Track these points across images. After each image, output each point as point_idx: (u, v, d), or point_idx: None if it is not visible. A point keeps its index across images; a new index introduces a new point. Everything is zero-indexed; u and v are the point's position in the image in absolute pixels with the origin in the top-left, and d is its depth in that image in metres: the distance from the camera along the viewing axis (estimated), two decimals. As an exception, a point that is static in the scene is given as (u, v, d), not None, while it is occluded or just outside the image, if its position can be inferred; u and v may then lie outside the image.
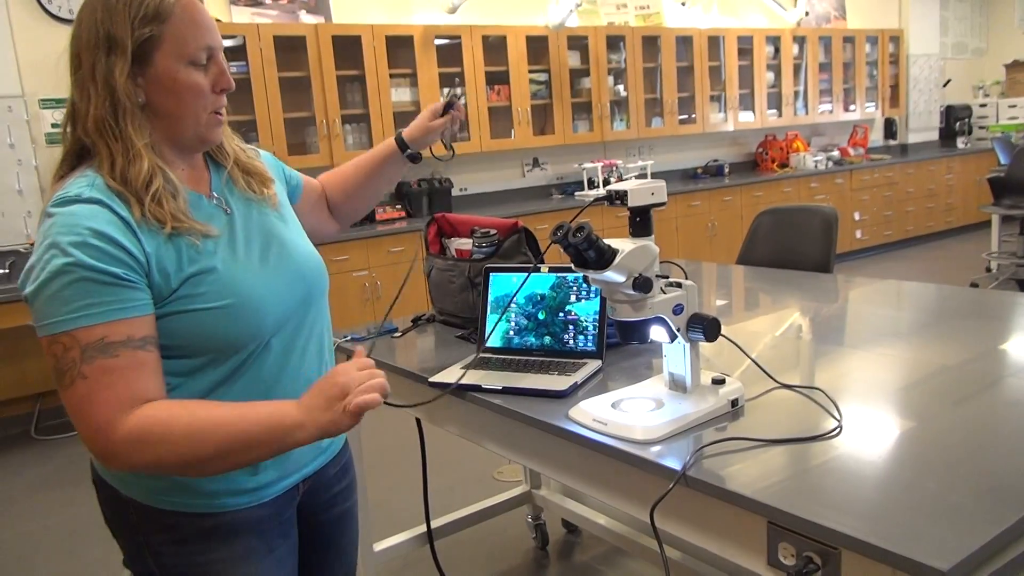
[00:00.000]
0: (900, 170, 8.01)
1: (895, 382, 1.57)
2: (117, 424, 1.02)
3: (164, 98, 1.12)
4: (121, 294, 1.04)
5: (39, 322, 1.04)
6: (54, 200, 1.07)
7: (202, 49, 1.13)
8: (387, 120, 5.28)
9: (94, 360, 1.02)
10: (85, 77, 1.09)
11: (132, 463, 1.04)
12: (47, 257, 1.03)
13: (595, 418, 1.40)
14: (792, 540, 1.06)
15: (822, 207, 2.87)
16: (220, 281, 1.13)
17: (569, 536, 2.91)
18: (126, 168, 1.08)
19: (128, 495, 1.18)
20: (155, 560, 1.19)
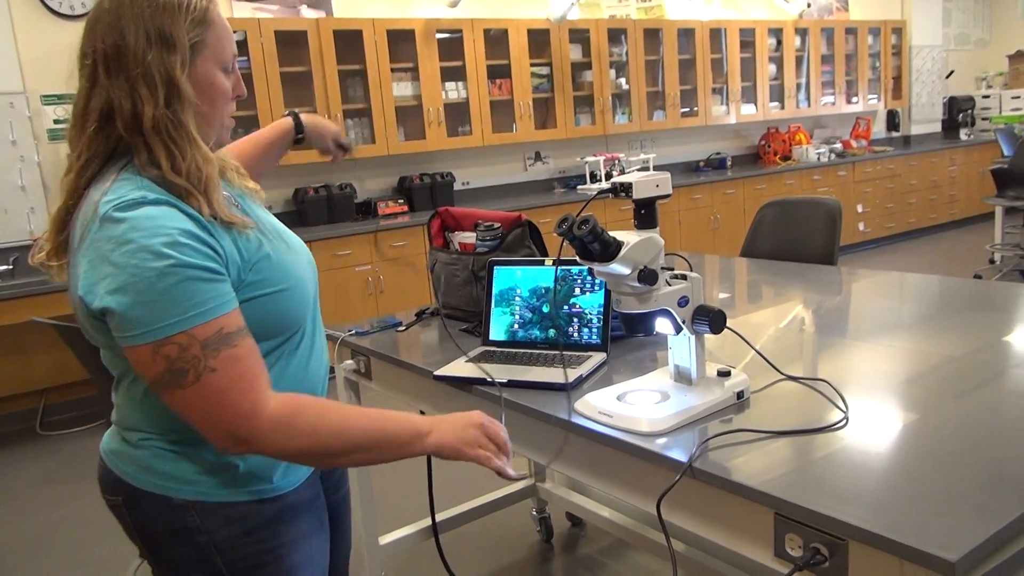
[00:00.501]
0: (903, 162, 7.99)
1: (899, 374, 1.56)
2: (260, 408, 1.07)
3: (200, 100, 1.13)
4: (222, 288, 1.07)
5: (139, 329, 1.02)
6: (115, 204, 1.04)
7: (231, 57, 1.18)
8: (389, 114, 5.28)
9: (219, 352, 1.05)
10: (135, 77, 1.06)
11: (274, 446, 1.09)
12: (137, 262, 1.01)
13: (601, 411, 1.40)
14: (799, 531, 1.06)
15: (826, 199, 2.87)
16: (274, 267, 1.17)
17: (573, 529, 2.92)
18: (196, 169, 1.09)
19: (186, 498, 1.17)
20: (224, 557, 1.18)
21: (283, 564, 1.22)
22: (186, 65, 1.09)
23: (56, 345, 4.24)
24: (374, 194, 5.59)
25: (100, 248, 1.03)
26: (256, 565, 1.21)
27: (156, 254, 1.02)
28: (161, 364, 1.03)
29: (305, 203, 5.17)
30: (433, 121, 5.46)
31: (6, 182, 4.45)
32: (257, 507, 1.20)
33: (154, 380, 1.05)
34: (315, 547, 1.30)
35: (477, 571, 2.67)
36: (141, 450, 1.18)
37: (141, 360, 1.05)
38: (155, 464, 1.17)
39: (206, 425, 1.07)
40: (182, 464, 1.17)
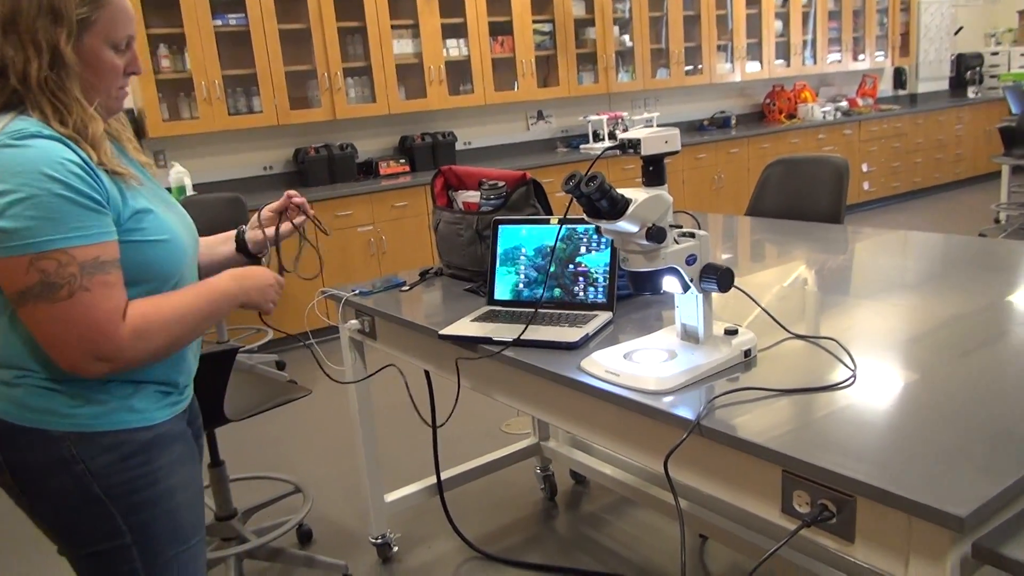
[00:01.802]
0: (909, 120, 7.90)
1: (905, 332, 1.56)
2: (120, 327, 1.19)
3: (85, 72, 1.24)
4: (103, 219, 1.19)
5: (19, 240, 1.11)
6: (11, 134, 1.15)
7: (124, 37, 1.28)
8: (389, 72, 5.21)
9: (94, 275, 1.16)
10: (25, 39, 1.19)
11: (137, 356, 1.21)
12: (30, 181, 1.12)
13: (607, 369, 1.40)
14: (807, 488, 1.06)
15: (833, 157, 2.84)
16: (157, 220, 1.29)
17: (577, 487, 2.95)
18: (83, 124, 1.21)
19: (63, 430, 1.24)
20: (100, 483, 1.26)
21: (159, 487, 1.31)
22: (72, 36, 1.20)
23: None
24: (375, 154, 5.55)
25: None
26: (133, 490, 1.29)
27: (46, 176, 1.13)
28: (35, 276, 1.13)
29: (305, 163, 5.13)
30: (434, 79, 5.39)
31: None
32: (130, 435, 1.29)
33: (21, 292, 1.14)
34: (189, 473, 1.39)
35: (481, 528, 2.70)
36: (16, 388, 1.25)
37: (13, 272, 1.13)
38: (31, 400, 1.25)
39: (66, 341, 1.16)
40: (57, 399, 1.24)
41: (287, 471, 3.13)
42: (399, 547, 2.58)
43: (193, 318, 1.30)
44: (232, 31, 4.70)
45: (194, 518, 1.39)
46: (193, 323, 1.30)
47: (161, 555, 1.32)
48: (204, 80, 4.59)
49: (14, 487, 1.30)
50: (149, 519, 1.30)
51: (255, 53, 4.73)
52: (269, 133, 5.11)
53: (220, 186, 4.92)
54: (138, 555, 1.30)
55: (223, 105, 4.70)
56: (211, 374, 1.91)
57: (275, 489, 2.89)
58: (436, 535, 2.65)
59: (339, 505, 2.92)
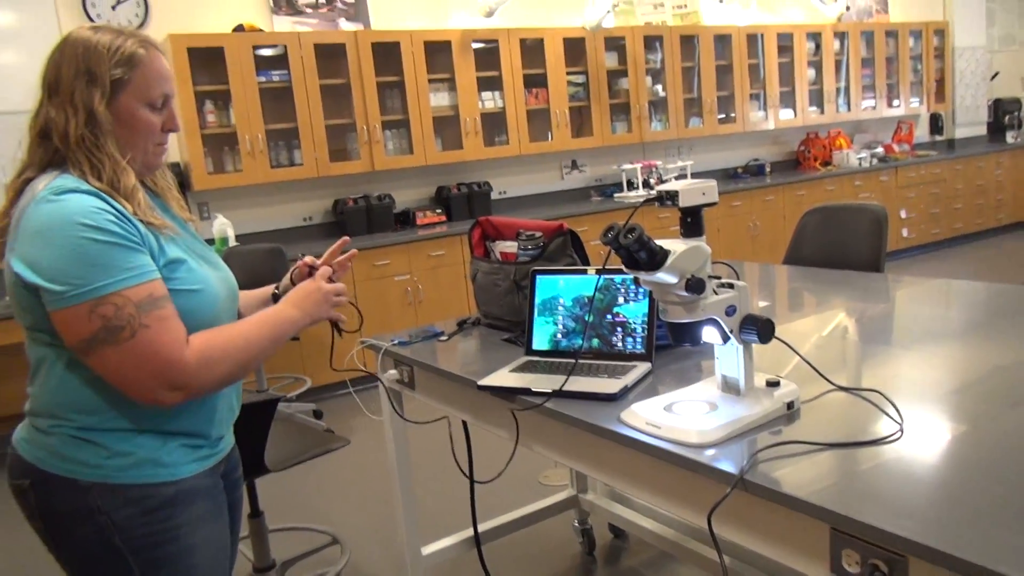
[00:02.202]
0: (947, 166, 7.83)
1: (951, 383, 1.53)
2: (185, 356, 1.24)
3: (121, 129, 1.31)
4: (146, 258, 1.25)
5: (75, 290, 1.17)
6: (51, 190, 1.22)
7: (159, 96, 1.34)
8: (426, 124, 5.31)
9: (150, 312, 1.21)
10: (64, 100, 1.28)
11: (205, 382, 1.27)
12: (69, 232, 1.18)
13: (648, 421, 1.39)
14: (857, 547, 1.04)
15: (871, 205, 2.82)
16: (191, 270, 1.34)
17: (616, 541, 2.89)
18: (115, 178, 1.28)
19: (91, 480, 1.28)
20: (122, 536, 1.28)
21: (180, 544, 1.33)
22: (105, 97, 1.28)
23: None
24: (412, 204, 5.63)
25: (35, 224, 1.21)
26: (154, 544, 1.31)
27: (83, 225, 1.19)
28: (96, 323, 1.18)
29: (344, 214, 5.22)
30: (470, 131, 5.48)
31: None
32: (154, 489, 1.31)
33: (87, 339, 1.19)
34: (214, 530, 1.40)
35: (519, 582, 2.66)
36: (51, 436, 1.30)
37: (74, 321, 1.19)
38: (63, 449, 1.29)
39: (139, 378, 1.22)
40: (87, 449, 1.28)
41: (324, 521, 3.12)
42: (435, 600, 2.55)
43: (257, 342, 1.35)
44: (275, 87, 4.85)
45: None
46: (257, 347, 1.35)
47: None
48: (248, 134, 4.72)
49: (45, 534, 1.33)
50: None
51: (297, 108, 4.86)
52: (309, 185, 5.22)
53: (261, 237, 5.02)
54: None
55: (265, 158, 4.83)
56: (252, 424, 1.93)
57: (313, 540, 2.88)
58: (473, 588, 2.62)
59: (376, 557, 2.90)
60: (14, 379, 4.34)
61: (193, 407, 1.35)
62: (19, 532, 1.36)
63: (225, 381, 1.32)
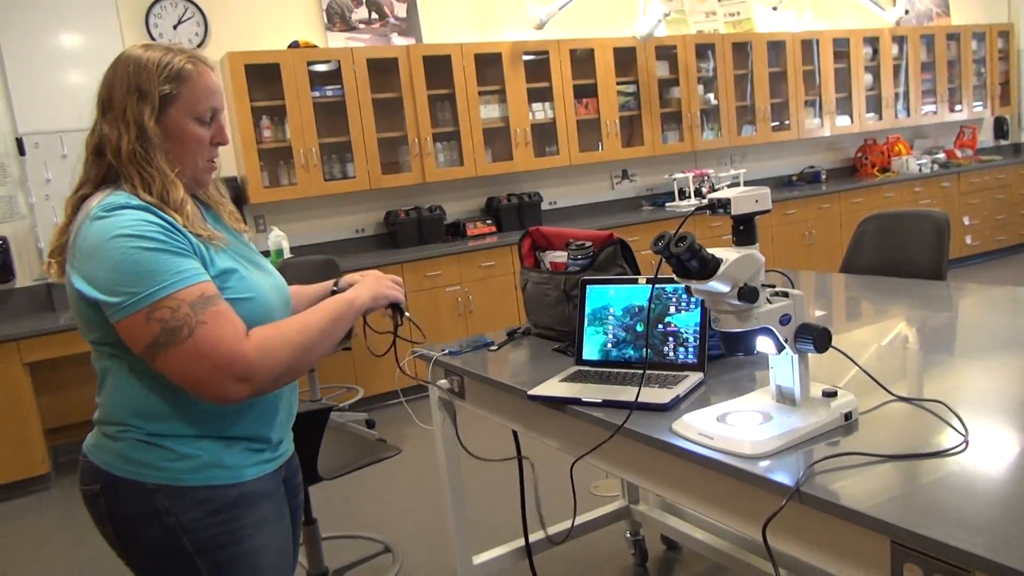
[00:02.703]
0: (1013, 171, 7.57)
1: (1017, 394, 1.47)
2: (246, 346, 1.26)
3: (171, 144, 1.35)
4: (194, 262, 1.28)
5: (131, 299, 1.21)
6: (103, 207, 1.26)
7: (208, 110, 1.37)
8: (477, 137, 5.35)
9: (205, 310, 1.24)
10: (117, 117, 1.32)
11: (268, 371, 1.27)
12: (118, 245, 1.22)
13: (701, 432, 1.37)
14: (918, 561, 1.01)
15: (932, 212, 2.74)
16: (242, 280, 1.36)
17: (669, 552, 2.86)
18: (165, 191, 1.31)
19: (157, 483, 1.31)
20: (190, 537, 1.31)
21: (245, 546, 1.35)
22: (154, 112, 1.31)
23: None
24: (462, 215, 5.67)
25: (89, 241, 1.25)
26: (220, 545, 1.33)
27: (135, 236, 1.23)
28: (156, 327, 1.21)
29: (396, 225, 5.28)
30: (520, 142, 5.50)
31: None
32: (220, 491, 1.34)
33: (150, 344, 1.22)
34: (277, 533, 1.42)
35: (570, 593, 2.64)
36: (119, 442, 1.33)
37: (136, 329, 1.22)
38: (131, 453, 1.32)
39: (204, 374, 1.23)
40: (154, 452, 1.31)
41: (376, 529, 3.15)
42: (487, 611, 2.55)
43: (316, 323, 1.36)
44: (329, 101, 4.94)
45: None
46: (317, 328, 1.36)
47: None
48: (302, 148, 4.82)
49: (114, 538, 1.36)
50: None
51: (350, 122, 4.95)
52: (362, 197, 5.30)
53: (315, 248, 5.11)
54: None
55: (319, 171, 4.92)
56: (306, 432, 1.96)
57: (365, 548, 2.91)
58: (524, 599, 2.61)
59: (427, 566, 2.91)
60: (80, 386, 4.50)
61: (255, 411, 1.38)
62: (84, 542, 1.40)
63: (289, 368, 1.32)
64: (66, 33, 4.52)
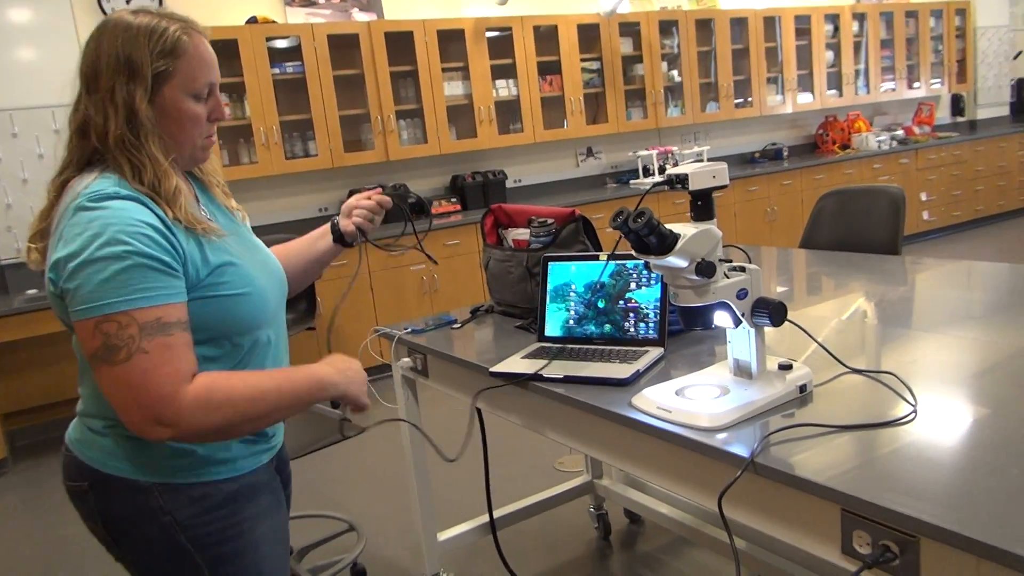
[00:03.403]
0: (969, 148, 7.72)
1: (969, 366, 1.51)
2: (181, 393, 1.13)
3: (166, 124, 1.24)
4: (170, 281, 1.16)
5: (86, 303, 1.12)
6: (88, 195, 1.16)
7: (205, 85, 1.27)
8: (440, 114, 5.31)
9: (153, 337, 1.13)
10: (104, 97, 1.20)
11: (197, 426, 1.15)
12: (100, 244, 1.12)
13: (659, 406, 1.38)
14: (868, 528, 1.03)
15: (888, 187, 2.78)
16: (239, 273, 1.27)
17: (632, 526, 2.90)
18: (156, 181, 1.21)
19: (151, 481, 1.24)
20: (187, 534, 1.25)
21: (245, 539, 1.30)
22: (147, 93, 1.20)
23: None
24: (426, 193, 5.64)
25: (70, 231, 1.14)
26: (220, 541, 1.28)
27: (116, 240, 1.12)
28: (99, 339, 1.12)
29: (360, 204, 5.23)
30: (484, 119, 5.47)
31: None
32: (217, 486, 1.28)
33: (90, 355, 1.13)
34: (274, 524, 1.38)
35: (535, 568, 2.67)
36: (106, 437, 1.25)
37: (83, 335, 1.13)
38: (119, 450, 1.24)
39: (128, 404, 1.13)
40: (147, 449, 1.24)
41: (341, 509, 3.15)
42: (453, 587, 2.57)
43: (274, 403, 1.23)
44: (289, 78, 4.86)
45: (279, 570, 1.38)
46: (273, 409, 1.23)
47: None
48: (262, 126, 4.74)
49: (105, 536, 1.29)
50: (234, 571, 1.30)
51: (311, 99, 4.88)
52: (324, 176, 5.24)
53: (276, 228, 5.04)
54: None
55: (280, 150, 4.84)
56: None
57: (329, 527, 2.91)
58: (489, 574, 2.63)
59: (393, 543, 2.92)
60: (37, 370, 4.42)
61: None
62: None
63: (222, 430, 1.20)
64: (13, 8, 4.38)
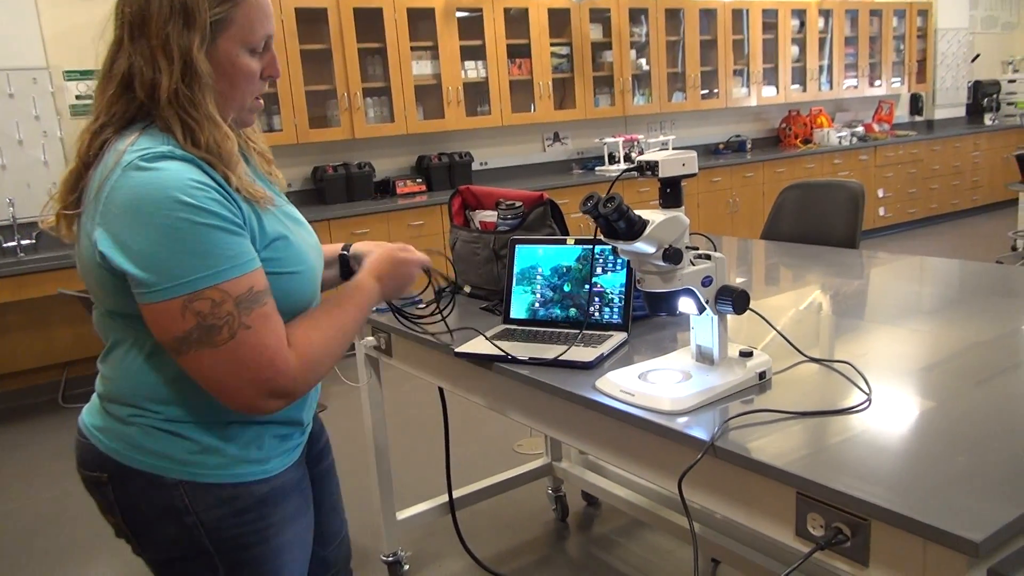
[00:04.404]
0: (926, 147, 7.90)
1: (921, 358, 1.56)
2: (289, 359, 1.10)
3: (217, 80, 1.11)
4: (247, 244, 1.08)
5: (166, 282, 1.01)
6: (140, 154, 1.03)
7: (263, 37, 1.15)
8: (408, 93, 5.27)
9: (252, 309, 1.05)
10: (155, 46, 1.06)
11: (306, 386, 1.15)
12: (164, 210, 1.00)
13: (622, 389, 1.40)
14: (821, 511, 1.07)
15: (848, 182, 2.84)
16: (292, 249, 1.18)
17: (589, 508, 2.94)
18: (214, 142, 1.08)
19: (177, 478, 1.14)
20: (211, 536, 1.17)
21: (269, 545, 1.22)
22: (204, 42, 1.07)
23: (79, 318, 4.29)
24: (392, 173, 5.60)
25: (125, 196, 1.01)
26: (243, 546, 1.19)
27: (185, 204, 1.00)
28: (191, 321, 1.01)
29: (324, 181, 5.18)
30: (452, 100, 5.44)
31: (29, 157, 4.49)
32: (247, 488, 1.19)
33: (179, 338, 1.03)
34: (300, 528, 1.29)
35: (493, 548, 2.70)
36: (131, 427, 1.15)
37: (165, 318, 1.02)
38: (146, 442, 1.14)
39: (238, 385, 1.06)
40: (175, 443, 1.14)
41: (300, 487, 3.13)
42: (410, 565, 2.58)
43: (352, 330, 1.24)
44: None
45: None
46: (351, 335, 1.24)
47: None
48: (226, 98, 4.65)
49: (124, 529, 1.21)
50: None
51: (276, 73, 4.79)
52: (288, 152, 5.17)
53: (239, 203, 4.97)
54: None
55: (244, 123, 4.76)
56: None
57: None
58: (447, 554, 2.65)
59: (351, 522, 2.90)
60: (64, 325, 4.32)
61: None
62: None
63: (324, 375, 1.19)
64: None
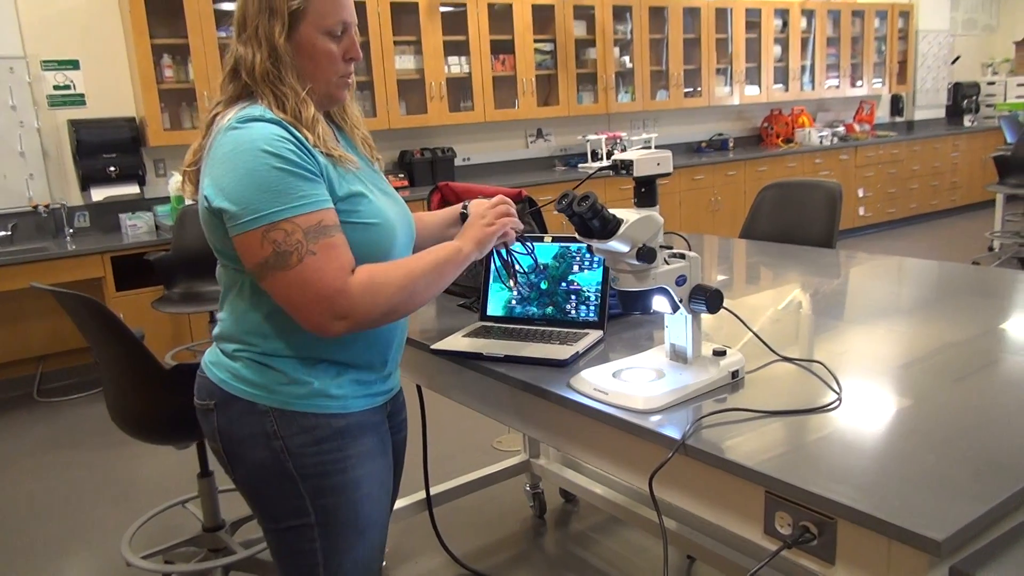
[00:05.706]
0: (906, 147, 7.97)
1: (895, 358, 1.57)
2: (350, 284, 1.25)
3: (303, 60, 1.34)
4: (320, 188, 1.27)
5: (250, 215, 1.21)
6: (236, 118, 1.27)
7: (338, 23, 1.35)
8: (391, 88, 5.24)
9: (319, 240, 1.23)
10: (251, 36, 1.33)
11: (367, 312, 1.27)
12: (250, 158, 1.23)
13: (596, 387, 1.41)
14: (789, 509, 1.07)
15: (826, 182, 2.86)
16: (371, 204, 1.36)
17: (566, 505, 2.94)
18: (297, 109, 1.31)
19: (268, 404, 1.33)
20: (295, 462, 1.34)
21: (348, 475, 1.37)
22: (284, 29, 1.31)
23: (54, 312, 4.25)
24: (374, 168, 5.57)
25: (223, 149, 1.26)
26: (324, 473, 1.35)
27: (266, 152, 1.23)
28: (268, 248, 1.22)
29: (305, 175, 5.15)
30: (435, 95, 5.43)
31: (5, 148, 4.43)
32: (327, 420, 1.36)
33: (260, 264, 1.23)
34: (379, 465, 1.44)
35: (470, 545, 2.70)
36: (235, 360, 1.36)
37: (250, 246, 1.23)
38: (246, 373, 1.34)
39: (305, 302, 1.24)
40: (268, 374, 1.34)
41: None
42: (387, 562, 2.58)
43: (422, 274, 1.34)
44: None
45: (376, 512, 1.44)
46: (422, 280, 1.34)
47: (341, 541, 1.38)
48: (207, 90, 4.62)
49: (222, 453, 1.40)
50: (334, 505, 1.37)
51: (257, 65, 4.76)
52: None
53: (219, 196, 4.94)
54: (319, 537, 1.37)
55: (224, 116, 4.73)
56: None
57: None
58: (424, 551, 2.65)
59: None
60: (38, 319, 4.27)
61: (369, 339, 1.40)
62: None
63: (390, 311, 1.31)
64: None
